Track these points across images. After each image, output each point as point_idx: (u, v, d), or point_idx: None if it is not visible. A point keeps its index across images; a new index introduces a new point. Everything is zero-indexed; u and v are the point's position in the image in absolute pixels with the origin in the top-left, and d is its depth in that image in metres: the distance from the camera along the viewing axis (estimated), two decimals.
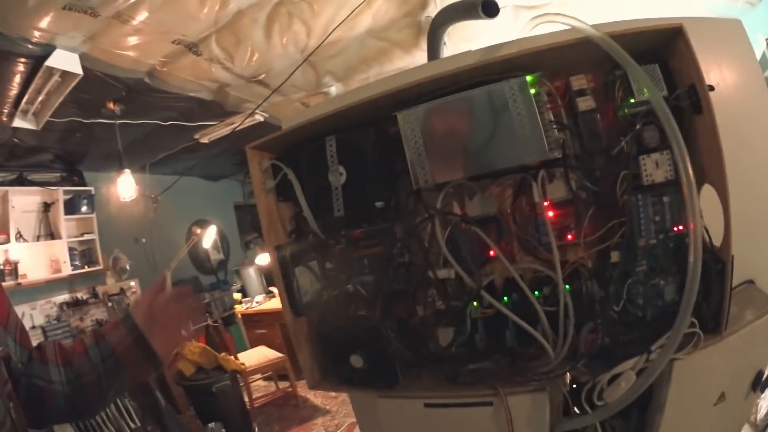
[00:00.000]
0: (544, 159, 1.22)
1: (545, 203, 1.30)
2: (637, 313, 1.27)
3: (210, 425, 4.15)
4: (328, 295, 1.50)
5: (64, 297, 5.56)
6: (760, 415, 3.19)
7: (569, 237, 1.33)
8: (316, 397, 5.52)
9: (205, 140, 5.40)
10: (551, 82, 1.31)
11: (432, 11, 3.21)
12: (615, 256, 1.28)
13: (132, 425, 3.83)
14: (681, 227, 1.21)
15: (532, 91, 1.21)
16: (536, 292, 1.31)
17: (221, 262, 7.90)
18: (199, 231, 6.48)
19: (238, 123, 4.79)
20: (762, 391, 3.20)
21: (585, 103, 1.29)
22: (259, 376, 5.64)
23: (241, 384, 5.01)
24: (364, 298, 1.43)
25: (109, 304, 5.01)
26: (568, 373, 1.31)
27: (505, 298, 1.34)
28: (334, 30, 3.30)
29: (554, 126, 1.23)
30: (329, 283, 1.51)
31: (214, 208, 7.87)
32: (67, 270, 5.62)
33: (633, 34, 1.18)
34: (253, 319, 6.69)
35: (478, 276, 1.35)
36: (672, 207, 1.22)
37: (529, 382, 1.25)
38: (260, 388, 5.90)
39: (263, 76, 3.97)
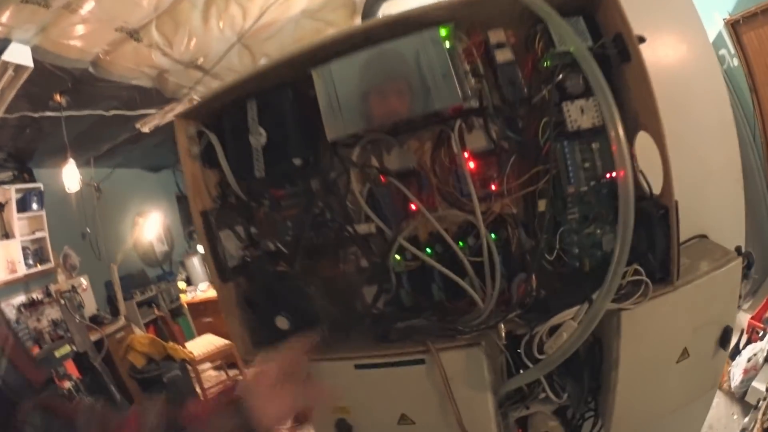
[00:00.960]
0: (458, 105, 1.20)
1: (465, 153, 1.28)
2: (574, 264, 1.26)
3: None
4: (252, 257, 1.46)
5: (21, 299, 5.36)
6: (735, 383, 3.20)
7: (493, 187, 1.31)
8: None
9: (145, 129, 5.31)
10: (469, 37, 1.28)
11: None
12: (542, 205, 1.25)
13: None
14: (614, 174, 1.19)
15: (447, 43, 1.19)
16: (460, 243, 1.29)
17: (166, 253, 7.86)
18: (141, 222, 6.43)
19: (177, 110, 4.74)
20: (735, 355, 3.23)
21: (503, 56, 1.27)
22: (208, 365, 5.60)
23: (193, 375, 4.97)
24: (285, 256, 1.40)
25: (62, 302, 4.88)
26: (501, 325, 1.25)
27: (429, 249, 1.32)
28: (268, 8, 3.31)
29: (470, 76, 1.21)
30: (253, 245, 1.47)
31: (157, 200, 7.70)
32: (22, 270, 5.42)
33: None
34: (199, 308, 6.74)
35: (397, 226, 1.33)
36: (602, 154, 1.21)
37: (460, 336, 1.22)
38: (211, 378, 5.81)
39: (201, 60, 3.95)
